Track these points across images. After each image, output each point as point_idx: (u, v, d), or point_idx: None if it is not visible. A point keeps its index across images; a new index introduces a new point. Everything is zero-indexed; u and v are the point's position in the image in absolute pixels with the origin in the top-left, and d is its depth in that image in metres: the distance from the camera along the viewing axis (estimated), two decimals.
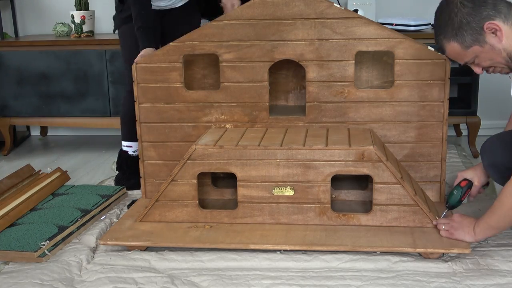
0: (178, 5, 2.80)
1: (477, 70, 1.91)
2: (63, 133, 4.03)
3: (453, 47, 1.87)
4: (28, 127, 4.02)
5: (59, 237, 2.18)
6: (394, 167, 2.14)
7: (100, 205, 2.49)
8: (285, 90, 2.55)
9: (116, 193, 2.63)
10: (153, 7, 2.68)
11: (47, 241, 2.12)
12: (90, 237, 2.24)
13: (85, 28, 3.58)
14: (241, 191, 2.19)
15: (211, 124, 2.44)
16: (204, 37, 2.36)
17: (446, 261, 1.97)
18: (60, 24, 3.64)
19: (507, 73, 1.92)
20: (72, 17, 3.56)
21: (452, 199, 2.15)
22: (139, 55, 2.49)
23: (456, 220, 2.05)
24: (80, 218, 2.34)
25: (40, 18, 3.85)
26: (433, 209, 2.24)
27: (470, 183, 2.16)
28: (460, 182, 2.17)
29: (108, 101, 3.38)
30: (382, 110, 2.34)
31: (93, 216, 2.42)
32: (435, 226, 2.10)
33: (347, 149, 2.12)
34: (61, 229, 2.24)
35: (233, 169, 2.18)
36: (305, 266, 1.98)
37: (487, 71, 1.94)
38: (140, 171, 2.52)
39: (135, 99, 2.45)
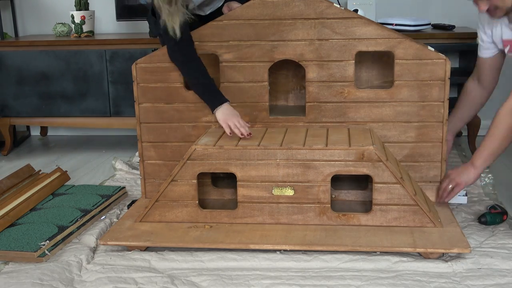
0: (217, 6, 2.63)
1: (483, 7, 2.16)
2: (63, 133, 4.04)
3: None
4: (28, 127, 4.02)
5: (59, 237, 2.18)
6: (394, 167, 2.15)
7: (100, 205, 2.49)
8: (285, 90, 2.55)
9: (116, 193, 2.63)
10: (194, 13, 2.47)
11: (47, 241, 2.12)
12: (90, 237, 2.24)
13: (85, 28, 3.58)
14: (241, 191, 2.19)
15: (211, 124, 2.44)
16: (204, 37, 2.37)
17: (446, 261, 1.97)
18: (60, 24, 3.64)
19: (499, 17, 2.19)
20: (72, 17, 3.56)
21: None
22: (223, 118, 2.26)
23: (452, 172, 2.30)
24: (80, 218, 2.34)
25: (40, 18, 3.85)
26: (433, 209, 2.24)
27: None
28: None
29: (108, 101, 3.38)
30: (382, 110, 2.34)
31: (93, 216, 2.42)
32: (440, 197, 2.33)
33: (347, 149, 2.12)
34: (61, 229, 2.24)
35: (233, 169, 2.18)
36: (305, 266, 1.98)
37: (489, 13, 2.18)
38: (140, 171, 2.52)
39: (135, 99, 2.45)
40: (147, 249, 2.13)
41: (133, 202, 2.55)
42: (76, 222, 2.31)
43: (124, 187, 2.71)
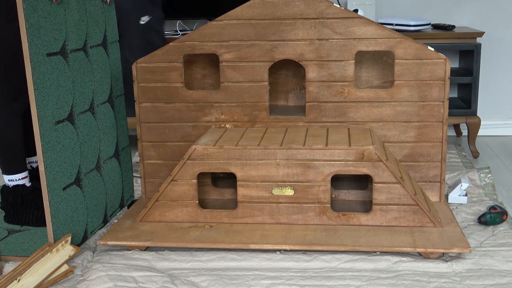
0: None
1: None
2: None
3: None
4: None
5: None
6: (394, 167, 2.15)
7: None
8: (285, 90, 2.55)
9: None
10: None
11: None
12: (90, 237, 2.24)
13: None
14: (241, 191, 2.19)
15: (211, 124, 2.44)
16: (204, 37, 2.37)
17: (446, 261, 1.97)
18: None
19: None
20: None
21: None
22: None
23: None
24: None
25: None
26: (433, 209, 2.24)
27: None
28: None
29: None
30: (382, 110, 2.35)
31: None
32: None
33: (347, 149, 2.12)
34: None
35: (233, 169, 2.18)
36: (305, 266, 1.98)
37: None
38: (140, 171, 2.52)
39: (135, 99, 2.45)
40: (147, 249, 2.13)
41: (133, 202, 2.55)
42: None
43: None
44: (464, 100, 3.29)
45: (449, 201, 2.48)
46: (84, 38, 2.19)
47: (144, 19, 2.76)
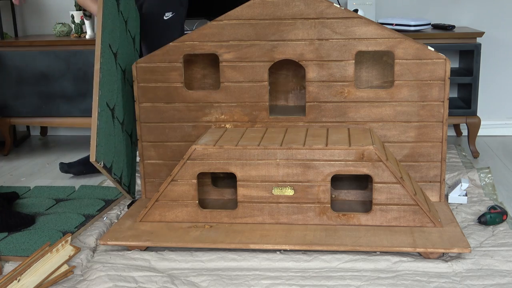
0: None
1: None
2: (63, 133, 4.04)
3: None
4: (28, 127, 4.02)
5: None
6: (394, 167, 2.15)
7: (104, 209, 2.49)
8: (285, 90, 2.55)
9: (117, 198, 2.63)
10: None
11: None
12: (90, 237, 2.24)
13: (85, 28, 3.57)
14: (241, 191, 2.19)
15: (211, 124, 2.44)
16: (204, 37, 2.37)
17: (446, 261, 1.97)
18: (60, 24, 3.64)
19: None
20: (72, 17, 3.56)
21: None
22: None
23: None
24: (85, 224, 2.35)
25: (40, 18, 3.85)
26: (433, 209, 2.24)
27: None
28: None
29: None
30: (382, 110, 2.35)
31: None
32: None
33: (347, 149, 2.12)
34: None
35: (233, 169, 2.18)
36: (305, 266, 1.98)
37: None
38: (140, 171, 2.52)
39: (135, 99, 2.45)
40: (147, 249, 2.13)
41: (133, 202, 2.55)
42: (81, 227, 2.31)
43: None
44: (464, 100, 3.29)
45: (449, 201, 2.48)
46: None
47: (167, 15, 2.80)
